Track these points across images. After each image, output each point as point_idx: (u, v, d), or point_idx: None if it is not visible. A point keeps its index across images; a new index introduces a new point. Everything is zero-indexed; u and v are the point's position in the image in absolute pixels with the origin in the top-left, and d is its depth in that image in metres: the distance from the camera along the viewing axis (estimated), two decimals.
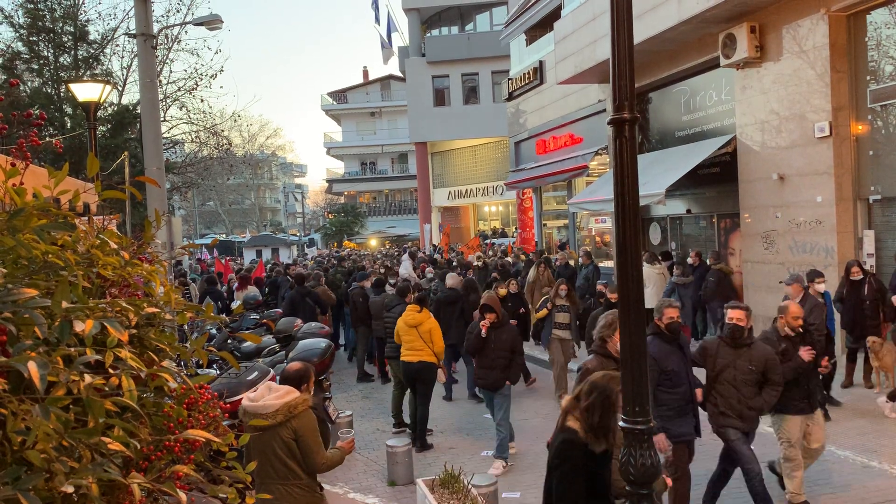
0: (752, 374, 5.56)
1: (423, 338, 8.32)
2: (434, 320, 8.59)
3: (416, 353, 8.33)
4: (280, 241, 45.51)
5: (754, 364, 5.56)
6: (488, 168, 34.45)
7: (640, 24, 11.34)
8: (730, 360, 5.60)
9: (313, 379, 4.65)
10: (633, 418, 4.71)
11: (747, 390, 5.56)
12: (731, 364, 5.58)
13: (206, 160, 24.46)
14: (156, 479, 1.49)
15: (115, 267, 1.61)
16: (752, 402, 5.57)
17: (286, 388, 4.25)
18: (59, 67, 18.72)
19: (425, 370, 8.35)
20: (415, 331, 8.36)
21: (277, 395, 4.18)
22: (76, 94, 10.70)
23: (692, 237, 14.10)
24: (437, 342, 8.38)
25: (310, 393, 4.50)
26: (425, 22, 36.22)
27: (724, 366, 5.61)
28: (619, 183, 4.75)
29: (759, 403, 5.60)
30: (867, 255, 9.82)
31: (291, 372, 4.51)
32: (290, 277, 15.81)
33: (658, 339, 5.50)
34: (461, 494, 5.58)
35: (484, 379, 7.72)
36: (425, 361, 8.32)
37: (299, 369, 4.54)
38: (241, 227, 63.19)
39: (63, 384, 1.28)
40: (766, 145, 11.09)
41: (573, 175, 17.69)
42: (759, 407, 5.64)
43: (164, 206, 10.86)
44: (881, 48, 9.58)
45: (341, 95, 56.73)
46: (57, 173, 1.69)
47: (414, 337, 8.36)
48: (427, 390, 8.44)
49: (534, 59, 20.53)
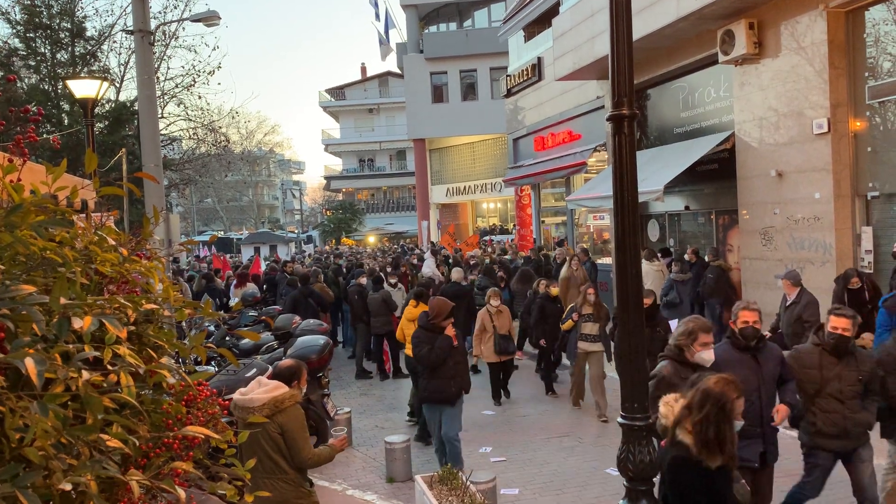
0: (860, 385, 5.03)
1: None
2: None
3: None
4: (278, 238, 45.52)
5: (863, 374, 5.04)
6: (486, 165, 34.43)
7: (639, 21, 11.32)
8: (836, 371, 5.02)
9: (305, 376, 4.69)
10: (631, 415, 4.73)
11: (853, 404, 5.01)
12: (837, 376, 5.01)
13: (203, 157, 24.42)
14: (154, 476, 1.48)
15: (113, 263, 1.60)
16: (859, 417, 5.03)
17: (275, 384, 4.30)
18: (56, 64, 18.66)
19: None
20: (414, 325, 8.39)
21: (266, 390, 4.23)
22: (73, 91, 10.67)
23: (691, 234, 14.10)
24: None
25: (301, 390, 4.54)
26: (423, 18, 36.17)
27: (829, 378, 5.02)
28: (618, 180, 4.76)
29: (866, 418, 5.06)
30: (865, 252, 9.82)
31: (283, 368, 4.60)
32: (288, 275, 15.79)
33: (729, 345, 4.97)
34: (460, 491, 5.59)
35: (441, 393, 6.85)
36: None
37: (290, 366, 4.62)
38: (239, 224, 63.17)
39: (61, 381, 1.28)
40: (765, 142, 11.09)
41: (571, 172, 17.67)
42: (868, 422, 5.09)
43: (161, 202, 10.85)
44: (879, 45, 9.58)
45: (339, 92, 56.65)
46: (55, 169, 1.69)
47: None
48: None
49: (532, 56, 20.50)
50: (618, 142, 4.68)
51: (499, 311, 9.91)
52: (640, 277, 4.84)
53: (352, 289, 12.88)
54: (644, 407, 4.70)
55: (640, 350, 4.77)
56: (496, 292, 10.17)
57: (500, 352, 9.77)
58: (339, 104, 56.11)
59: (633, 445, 4.66)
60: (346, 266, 18.45)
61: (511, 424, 8.96)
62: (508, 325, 10.01)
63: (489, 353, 9.84)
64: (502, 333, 9.80)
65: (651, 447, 4.69)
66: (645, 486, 4.66)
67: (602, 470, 7.09)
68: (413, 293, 9.21)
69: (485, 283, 13.14)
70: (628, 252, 4.74)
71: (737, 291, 12.18)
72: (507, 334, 9.90)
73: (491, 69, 32.51)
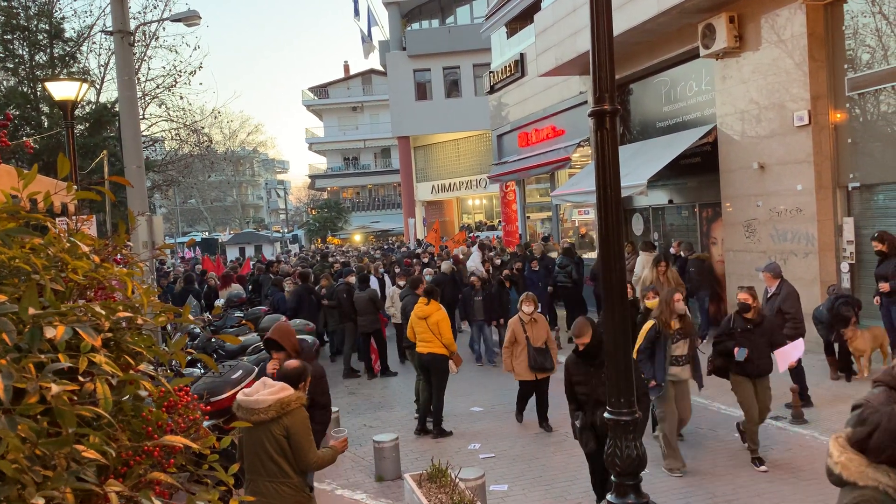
0: None
1: (432, 329, 8.44)
2: (442, 312, 8.62)
3: (426, 344, 8.50)
4: (263, 238, 45.28)
5: None
6: (471, 161, 34.43)
7: (620, 16, 11.36)
8: None
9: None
10: (617, 409, 4.74)
11: None
12: None
13: (186, 157, 24.24)
14: (134, 486, 1.46)
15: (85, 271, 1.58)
16: None
17: (280, 385, 4.23)
18: (34, 66, 18.43)
19: (435, 361, 8.49)
20: (424, 323, 8.51)
21: (271, 391, 4.15)
22: (52, 93, 10.55)
23: (675, 227, 14.16)
24: (445, 333, 8.48)
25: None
26: (405, 15, 36.08)
27: None
28: (601, 175, 4.77)
29: None
30: (847, 242, 9.91)
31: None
32: (273, 275, 15.70)
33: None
34: (449, 488, 5.58)
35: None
36: (435, 353, 8.46)
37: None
38: (224, 225, 62.79)
39: (33, 393, 1.25)
40: (747, 134, 11.15)
41: (556, 167, 17.70)
42: None
43: (144, 204, 10.75)
44: (858, 37, 9.65)
45: (323, 90, 56.39)
46: (26, 175, 1.66)
47: (424, 329, 8.51)
48: (440, 381, 8.55)
49: (515, 52, 20.50)
50: (600, 137, 4.69)
51: (533, 320, 8.44)
52: (623, 272, 4.85)
53: (339, 288, 12.84)
54: (631, 402, 4.71)
55: (625, 344, 4.79)
56: (531, 297, 8.64)
57: (534, 368, 8.33)
58: (322, 102, 55.86)
59: (620, 440, 4.67)
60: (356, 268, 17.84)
61: (500, 421, 8.97)
62: (545, 335, 8.52)
63: (522, 370, 8.39)
64: (537, 346, 8.35)
65: (638, 442, 4.71)
66: (632, 481, 4.67)
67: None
68: (423, 291, 9.06)
69: (565, 262, 13.47)
70: (612, 247, 4.75)
71: (721, 283, 12.27)
72: (543, 347, 8.41)
73: (474, 66, 32.51)
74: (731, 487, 6.26)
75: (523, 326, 8.40)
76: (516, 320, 8.50)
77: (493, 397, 10.09)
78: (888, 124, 9.33)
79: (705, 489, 6.28)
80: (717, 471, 6.68)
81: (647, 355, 6.69)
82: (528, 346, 8.31)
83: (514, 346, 8.42)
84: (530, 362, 8.30)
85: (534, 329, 8.40)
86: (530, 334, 8.35)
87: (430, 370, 8.58)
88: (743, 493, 6.14)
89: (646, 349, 6.71)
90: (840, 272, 10.02)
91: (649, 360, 6.66)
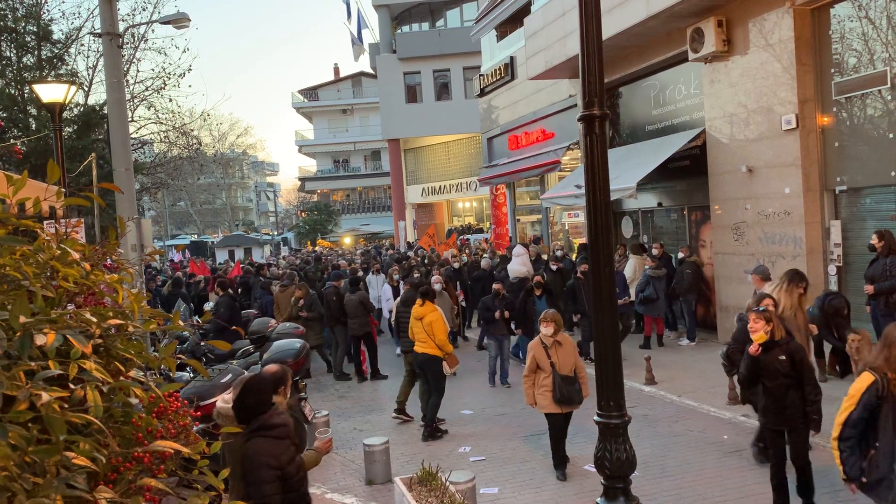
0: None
1: (426, 330, 8.48)
2: (436, 313, 8.61)
3: (421, 345, 8.55)
4: (253, 240, 45.17)
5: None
6: (461, 164, 34.45)
7: (610, 20, 11.42)
8: None
9: (290, 381, 4.61)
10: (607, 412, 4.76)
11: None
12: None
13: (175, 160, 24.17)
14: (124, 493, 1.46)
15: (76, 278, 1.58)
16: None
17: None
18: (22, 68, 18.35)
19: (428, 362, 8.52)
20: (420, 323, 8.55)
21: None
22: (40, 95, 10.48)
23: (664, 230, 14.23)
24: (438, 334, 8.49)
25: (286, 395, 4.45)
26: (396, 18, 36.08)
27: None
28: (591, 178, 4.79)
29: None
30: (834, 245, 9.98)
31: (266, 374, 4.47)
32: (263, 278, 15.65)
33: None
34: (439, 492, 5.58)
35: None
36: (428, 354, 8.49)
37: (275, 372, 4.48)
38: (213, 227, 62.58)
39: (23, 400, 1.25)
40: (735, 138, 11.23)
41: (546, 170, 17.75)
42: None
43: (133, 207, 10.69)
44: (844, 41, 9.74)
45: (312, 93, 56.36)
46: (17, 180, 1.65)
47: (420, 329, 8.55)
48: (436, 382, 8.57)
49: (505, 55, 20.55)
50: (589, 142, 4.71)
51: (557, 344, 7.02)
52: (612, 275, 4.87)
53: (328, 291, 12.77)
54: (620, 405, 4.73)
55: (615, 348, 4.81)
56: (551, 317, 7.14)
57: (560, 401, 6.88)
58: (312, 105, 55.82)
59: (609, 444, 4.69)
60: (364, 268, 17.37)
61: (490, 423, 8.97)
62: (573, 361, 7.05)
63: (547, 402, 6.95)
64: (564, 374, 6.91)
65: (627, 444, 4.72)
66: (622, 484, 4.69)
67: (581, 467, 7.12)
68: (420, 292, 9.01)
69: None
70: (601, 251, 4.78)
71: (710, 286, 12.34)
72: (571, 375, 6.96)
73: (464, 69, 32.55)
74: (720, 490, 6.30)
75: (546, 351, 6.99)
76: (537, 344, 7.10)
77: (483, 400, 10.10)
78: (875, 128, 9.42)
79: (695, 491, 6.31)
80: (706, 472, 6.72)
81: (858, 433, 4.06)
82: (553, 374, 6.90)
83: (535, 374, 7.07)
84: (555, 394, 6.86)
85: (559, 353, 6.99)
86: (555, 360, 6.94)
87: (425, 371, 8.61)
88: (732, 494, 6.18)
89: (859, 422, 4.03)
90: (827, 275, 10.09)
91: (860, 446, 4.07)
